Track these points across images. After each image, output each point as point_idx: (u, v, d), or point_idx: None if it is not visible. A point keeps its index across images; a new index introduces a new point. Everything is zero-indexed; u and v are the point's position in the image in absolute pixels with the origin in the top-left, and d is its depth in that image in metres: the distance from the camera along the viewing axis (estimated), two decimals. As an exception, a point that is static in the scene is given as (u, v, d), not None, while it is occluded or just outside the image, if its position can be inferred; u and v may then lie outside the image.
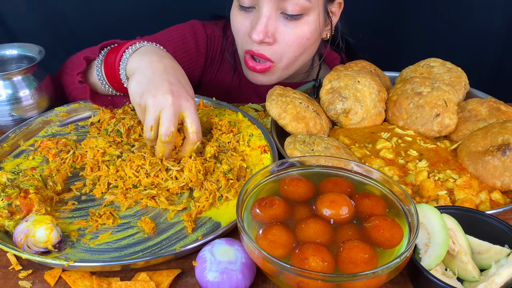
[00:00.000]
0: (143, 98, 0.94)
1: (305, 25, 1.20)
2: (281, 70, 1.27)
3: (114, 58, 1.08)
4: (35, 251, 0.82)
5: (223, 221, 0.91)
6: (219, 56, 1.44)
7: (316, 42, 1.28)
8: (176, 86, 0.95)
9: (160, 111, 0.93)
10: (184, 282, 0.81)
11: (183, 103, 0.94)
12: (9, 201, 0.86)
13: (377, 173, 0.82)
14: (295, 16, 1.18)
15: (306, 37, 1.22)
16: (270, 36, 1.19)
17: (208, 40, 1.42)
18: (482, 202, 0.92)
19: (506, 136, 0.98)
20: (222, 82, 1.47)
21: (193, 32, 1.39)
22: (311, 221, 0.73)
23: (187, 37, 1.38)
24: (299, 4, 1.16)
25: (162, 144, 0.94)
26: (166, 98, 0.93)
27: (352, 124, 1.12)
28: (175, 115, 0.93)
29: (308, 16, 1.19)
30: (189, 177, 0.96)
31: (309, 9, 1.18)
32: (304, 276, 0.65)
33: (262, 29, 1.17)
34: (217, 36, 1.42)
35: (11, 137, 1.08)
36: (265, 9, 1.16)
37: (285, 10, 1.17)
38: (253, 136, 1.08)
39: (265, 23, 1.17)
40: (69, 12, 1.82)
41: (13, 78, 1.13)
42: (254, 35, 1.17)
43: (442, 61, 1.25)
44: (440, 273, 0.76)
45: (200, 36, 1.40)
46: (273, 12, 1.17)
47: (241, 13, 1.23)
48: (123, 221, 0.91)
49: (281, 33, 1.20)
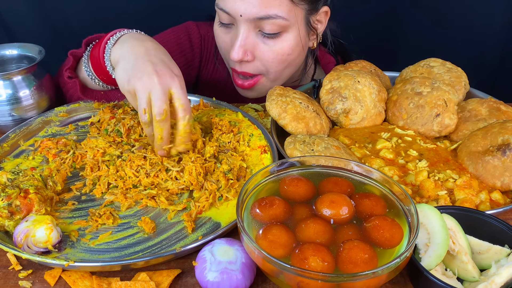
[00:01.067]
0: (130, 83, 0.95)
1: (284, 42, 1.20)
2: (270, 82, 1.28)
3: (98, 51, 1.09)
4: (35, 251, 0.82)
5: (223, 221, 0.91)
6: (214, 56, 1.45)
7: (300, 55, 1.28)
8: (159, 65, 0.95)
9: (149, 92, 0.93)
10: (184, 282, 0.81)
11: (169, 81, 0.94)
12: (9, 201, 0.86)
13: (377, 173, 0.82)
14: (273, 35, 1.18)
15: (286, 53, 1.21)
16: (249, 54, 1.19)
17: (202, 40, 1.43)
18: (482, 202, 0.92)
19: (506, 136, 0.98)
20: (218, 81, 1.47)
21: (188, 33, 1.41)
22: (311, 221, 0.73)
23: (181, 38, 1.40)
24: (276, 23, 1.15)
25: (159, 125, 0.94)
26: (152, 78, 0.93)
27: (352, 124, 1.12)
28: (164, 94, 0.93)
29: (287, 33, 1.19)
30: (190, 180, 0.96)
31: (287, 26, 1.17)
32: (304, 276, 0.65)
33: (239, 49, 1.17)
34: (210, 36, 1.42)
35: (11, 137, 1.08)
36: (242, 28, 1.16)
37: (263, 29, 1.17)
38: (253, 136, 1.08)
39: (243, 42, 1.17)
40: (69, 12, 1.82)
41: (13, 78, 1.13)
42: (233, 54, 1.18)
43: (442, 61, 1.25)
44: (440, 273, 0.76)
45: (194, 36, 1.41)
46: (251, 30, 1.17)
47: (221, 29, 1.24)
48: (123, 221, 0.91)
49: (260, 51, 1.20)
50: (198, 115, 1.17)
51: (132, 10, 1.83)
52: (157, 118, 0.93)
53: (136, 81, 0.94)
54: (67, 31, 1.84)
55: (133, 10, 1.83)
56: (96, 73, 1.13)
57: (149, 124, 0.96)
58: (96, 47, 1.11)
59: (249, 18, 1.14)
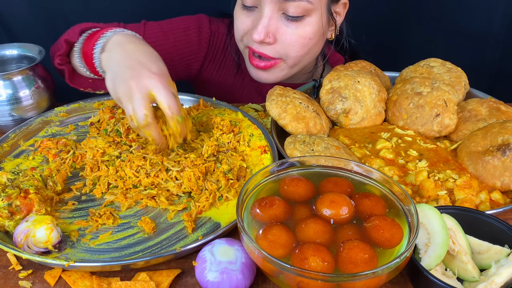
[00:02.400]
0: (115, 94, 0.97)
1: (307, 26, 1.20)
2: (288, 68, 1.27)
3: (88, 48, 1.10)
4: (35, 251, 0.82)
5: (223, 221, 0.91)
6: (221, 53, 1.44)
7: (319, 42, 1.28)
8: (136, 68, 0.95)
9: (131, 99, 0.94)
10: (184, 282, 0.81)
11: (147, 83, 0.93)
12: (9, 201, 0.86)
13: (377, 173, 0.82)
14: (297, 18, 1.18)
15: (308, 37, 1.21)
16: (270, 36, 1.19)
17: (211, 35, 1.42)
18: (482, 202, 0.92)
19: (506, 136, 0.98)
20: (224, 80, 1.47)
21: (198, 25, 1.40)
22: (311, 221, 0.73)
23: (191, 28, 1.39)
24: (301, 6, 1.16)
25: (145, 130, 0.95)
26: (129, 85, 0.93)
27: (352, 124, 1.12)
28: (143, 98, 0.92)
29: (310, 17, 1.19)
30: (190, 186, 0.96)
31: (311, 10, 1.18)
32: (304, 276, 0.65)
33: (263, 29, 1.17)
34: (221, 33, 1.42)
35: (11, 137, 1.08)
36: (267, 9, 1.17)
37: (287, 11, 1.17)
38: (253, 136, 1.08)
39: (266, 23, 1.17)
40: (69, 12, 1.82)
41: (13, 78, 1.13)
42: (255, 35, 1.18)
43: (442, 61, 1.25)
44: (440, 273, 0.76)
45: (204, 30, 1.41)
46: (275, 12, 1.17)
47: (243, 12, 1.24)
48: (123, 221, 0.91)
49: (282, 34, 1.20)
50: (198, 115, 1.17)
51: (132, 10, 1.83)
52: (140, 124, 0.93)
53: (118, 91, 0.96)
54: (67, 31, 1.84)
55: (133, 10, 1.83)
56: (87, 65, 1.13)
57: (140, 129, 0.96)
58: (87, 43, 1.11)
59: None
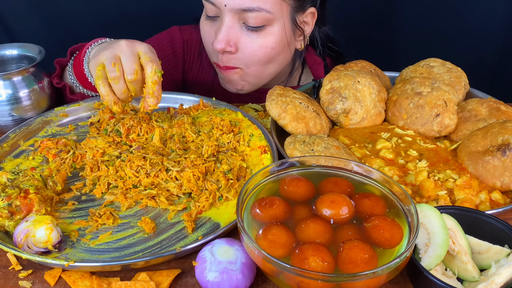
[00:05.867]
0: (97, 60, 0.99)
1: (268, 36, 1.20)
2: (251, 77, 1.27)
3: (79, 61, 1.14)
4: (35, 251, 0.82)
5: (222, 221, 0.91)
6: (198, 58, 1.47)
7: (285, 52, 1.27)
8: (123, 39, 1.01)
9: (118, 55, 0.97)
10: (184, 282, 0.81)
11: (137, 46, 0.99)
12: (9, 201, 0.86)
13: (377, 173, 0.82)
14: (257, 28, 1.18)
15: (270, 46, 1.21)
16: (232, 45, 1.19)
17: (184, 44, 1.45)
18: (482, 202, 0.92)
19: (506, 136, 0.98)
20: (204, 82, 1.49)
21: (170, 39, 1.44)
22: (311, 221, 0.73)
23: (163, 44, 1.43)
24: (260, 16, 1.16)
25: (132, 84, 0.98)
26: (120, 44, 0.98)
27: (352, 124, 1.12)
28: (133, 55, 0.97)
29: (271, 26, 1.19)
30: (189, 187, 0.96)
31: (271, 20, 1.18)
32: (304, 276, 0.65)
33: (223, 38, 1.18)
34: (194, 40, 1.45)
35: (11, 137, 1.08)
36: (227, 18, 1.17)
37: (247, 22, 1.17)
38: (253, 136, 1.08)
39: (226, 32, 1.18)
40: (69, 12, 1.82)
41: (13, 78, 1.13)
42: (215, 44, 1.18)
43: (442, 61, 1.24)
44: (440, 273, 0.76)
45: (176, 41, 1.44)
46: (235, 22, 1.18)
47: (207, 22, 1.25)
48: (123, 221, 0.91)
49: (243, 42, 1.20)
50: (198, 115, 1.17)
51: (133, 10, 1.83)
52: (128, 78, 0.96)
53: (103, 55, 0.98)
54: (67, 31, 1.84)
55: (133, 10, 1.83)
56: (80, 82, 1.17)
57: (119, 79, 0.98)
58: (78, 57, 1.15)
59: (233, 9, 1.15)
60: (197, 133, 1.09)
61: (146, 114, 1.14)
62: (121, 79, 0.97)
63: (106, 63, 0.97)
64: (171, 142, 1.06)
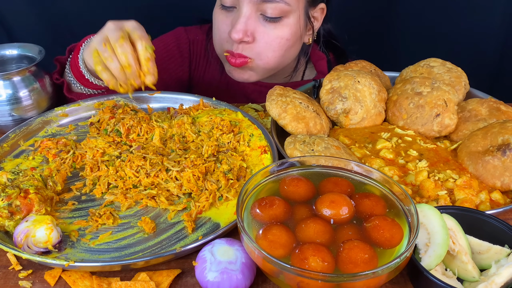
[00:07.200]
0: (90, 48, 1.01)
1: (284, 27, 1.23)
2: (261, 67, 1.29)
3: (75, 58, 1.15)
4: (35, 251, 0.82)
5: (222, 221, 0.91)
6: (204, 58, 1.48)
7: (296, 45, 1.30)
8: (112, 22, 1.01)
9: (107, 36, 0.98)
10: (184, 282, 0.81)
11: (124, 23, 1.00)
12: (9, 201, 0.86)
13: (377, 173, 0.82)
14: (275, 19, 1.20)
15: (285, 37, 1.24)
16: (249, 35, 1.21)
17: (190, 44, 1.46)
18: (482, 202, 0.92)
19: (506, 136, 0.98)
20: (210, 83, 1.50)
21: (176, 39, 1.45)
22: (311, 221, 0.73)
23: (169, 45, 1.44)
24: (278, 7, 1.18)
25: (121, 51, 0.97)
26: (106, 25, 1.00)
27: (352, 124, 1.12)
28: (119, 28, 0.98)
29: (288, 18, 1.22)
30: (189, 187, 0.96)
31: (288, 12, 1.21)
32: (304, 276, 0.65)
33: (241, 28, 1.19)
34: (199, 40, 1.46)
35: (11, 137, 1.07)
36: (245, 9, 1.19)
37: (265, 12, 1.19)
38: (253, 136, 1.08)
39: (244, 22, 1.19)
40: (69, 12, 1.82)
41: (13, 78, 1.13)
42: (233, 34, 1.20)
43: (442, 61, 1.25)
44: (440, 273, 0.76)
45: (182, 42, 1.45)
46: (253, 12, 1.20)
47: (222, 12, 1.26)
48: (123, 221, 0.91)
49: (260, 33, 1.22)
50: (198, 115, 1.17)
51: (133, 10, 1.83)
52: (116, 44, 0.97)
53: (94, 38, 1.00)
54: (67, 31, 1.84)
55: (133, 10, 1.83)
56: (77, 79, 1.17)
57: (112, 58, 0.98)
58: (74, 55, 1.16)
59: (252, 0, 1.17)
60: (197, 133, 1.10)
61: (146, 114, 1.14)
62: (114, 57, 0.98)
63: (97, 47, 0.98)
64: (171, 142, 1.06)
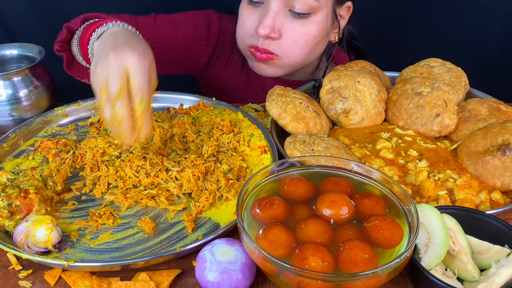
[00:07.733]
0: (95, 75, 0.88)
1: (312, 24, 1.21)
2: (287, 64, 1.27)
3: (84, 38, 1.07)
4: (35, 251, 0.82)
5: (222, 221, 0.91)
6: (229, 50, 1.45)
7: (322, 42, 1.29)
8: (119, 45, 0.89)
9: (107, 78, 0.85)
10: (184, 282, 0.81)
11: (126, 58, 0.86)
12: (9, 201, 0.86)
13: (377, 173, 0.82)
14: (303, 15, 1.19)
15: (313, 35, 1.22)
16: (276, 32, 1.20)
17: (220, 32, 1.43)
18: (482, 202, 0.92)
19: (506, 136, 0.98)
20: (228, 76, 1.47)
21: (208, 21, 1.41)
22: (311, 221, 0.73)
23: (200, 24, 1.40)
24: (307, 3, 1.17)
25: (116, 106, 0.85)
26: (108, 58, 0.86)
27: (352, 124, 1.12)
28: (119, 71, 0.85)
29: (316, 15, 1.21)
30: (189, 187, 0.96)
31: (317, 8, 1.19)
32: (304, 276, 0.65)
33: (269, 24, 1.18)
34: (229, 30, 1.42)
35: (11, 137, 1.08)
36: (273, 4, 1.18)
37: (293, 8, 1.18)
38: (253, 136, 1.08)
39: (272, 18, 1.18)
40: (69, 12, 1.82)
41: (13, 78, 1.13)
42: (261, 29, 1.18)
43: (442, 61, 1.25)
44: (440, 273, 0.76)
45: (213, 26, 1.41)
46: (281, 8, 1.19)
47: (249, 7, 1.25)
48: (123, 221, 0.91)
49: (287, 29, 1.21)
50: (198, 115, 1.17)
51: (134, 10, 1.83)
52: (112, 97, 0.84)
53: (97, 70, 0.88)
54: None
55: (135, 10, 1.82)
56: (83, 55, 1.11)
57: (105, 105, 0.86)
58: (86, 31, 1.08)
59: None
60: (197, 133, 1.10)
61: None
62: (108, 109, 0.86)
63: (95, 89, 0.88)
64: (171, 142, 1.06)
